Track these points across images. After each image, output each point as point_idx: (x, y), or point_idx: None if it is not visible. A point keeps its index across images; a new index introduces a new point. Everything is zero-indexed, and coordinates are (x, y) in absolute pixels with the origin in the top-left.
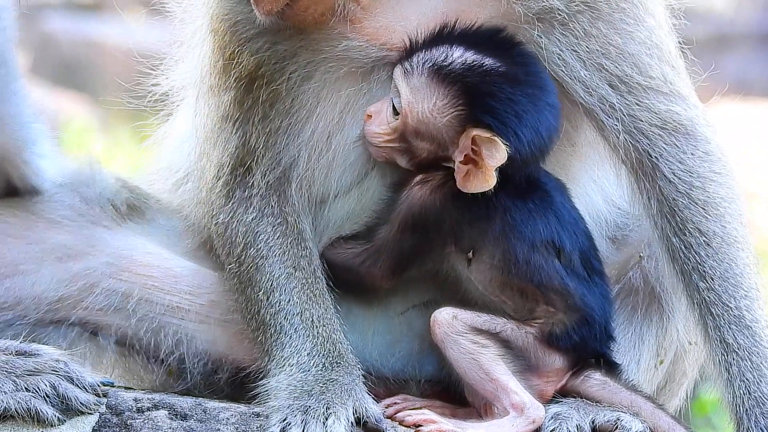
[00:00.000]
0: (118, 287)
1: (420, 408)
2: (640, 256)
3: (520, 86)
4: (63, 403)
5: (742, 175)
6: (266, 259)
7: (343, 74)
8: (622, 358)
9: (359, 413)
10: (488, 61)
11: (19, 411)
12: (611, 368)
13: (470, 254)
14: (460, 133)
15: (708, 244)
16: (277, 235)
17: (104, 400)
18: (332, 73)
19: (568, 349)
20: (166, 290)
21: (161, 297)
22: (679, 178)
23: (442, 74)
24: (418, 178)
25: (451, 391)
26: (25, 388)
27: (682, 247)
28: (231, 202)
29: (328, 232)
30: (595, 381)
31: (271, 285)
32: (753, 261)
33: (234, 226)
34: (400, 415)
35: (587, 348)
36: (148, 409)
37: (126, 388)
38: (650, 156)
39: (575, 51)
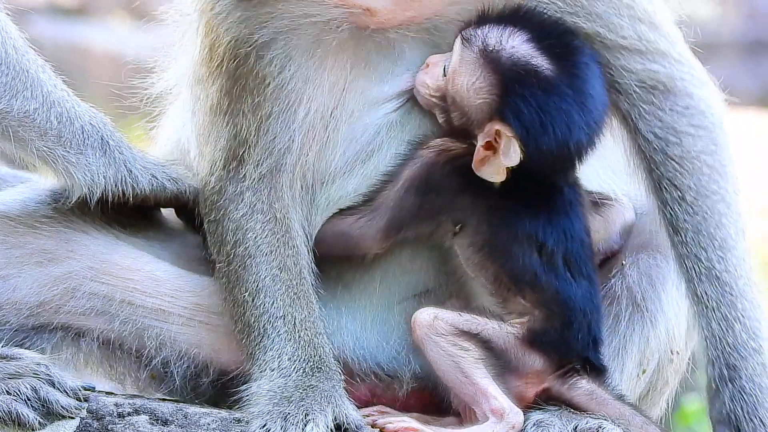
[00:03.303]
0: (100, 290)
1: (397, 420)
2: (622, 263)
3: (557, 96)
4: (44, 406)
5: None
6: (254, 258)
7: (318, 46)
8: (605, 364)
9: (339, 420)
10: (536, 62)
11: (0, 414)
12: (598, 375)
13: (457, 228)
14: (488, 120)
15: (682, 199)
16: (266, 233)
17: (85, 404)
18: (308, 47)
19: (547, 348)
20: (148, 293)
21: (143, 299)
22: (655, 135)
23: (488, 58)
24: (439, 141)
25: (437, 391)
26: (6, 392)
27: (659, 204)
28: (222, 199)
29: (327, 215)
30: (582, 389)
31: (257, 286)
32: (735, 210)
33: (225, 223)
34: (380, 421)
35: (568, 349)
36: (129, 414)
37: (107, 392)
38: (631, 116)
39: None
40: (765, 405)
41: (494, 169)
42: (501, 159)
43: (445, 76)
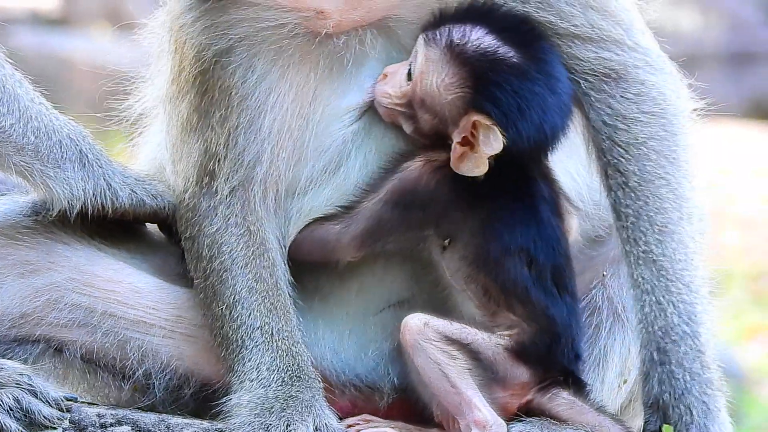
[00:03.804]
0: (82, 301)
1: (383, 429)
2: (603, 274)
3: (529, 81)
4: (26, 417)
5: (707, 195)
6: (229, 271)
7: (279, 56)
8: (586, 377)
9: (320, 430)
10: (503, 50)
11: None
12: (579, 388)
13: (446, 242)
14: (462, 115)
15: (625, 184)
16: (240, 246)
17: (68, 415)
18: (268, 56)
19: (535, 361)
20: (130, 304)
21: (125, 311)
22: (604, 123)
23: (455, 53)
24: (421, 155)
25: (418, 402)
26: None
27: (606, 190)
28: (197, 215)
29: (300, 227)
30: (562, 400)
31: (234, 299)
32: (681, 196)
33: (200, 238)
34: (366, 431)
35: (554, 363)
36: (112, 425)
37: (89, 403)
38: (582, 105)
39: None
40: (693, 391)
41: (474, 163)
42: (482, 149)
43: (409, 80)
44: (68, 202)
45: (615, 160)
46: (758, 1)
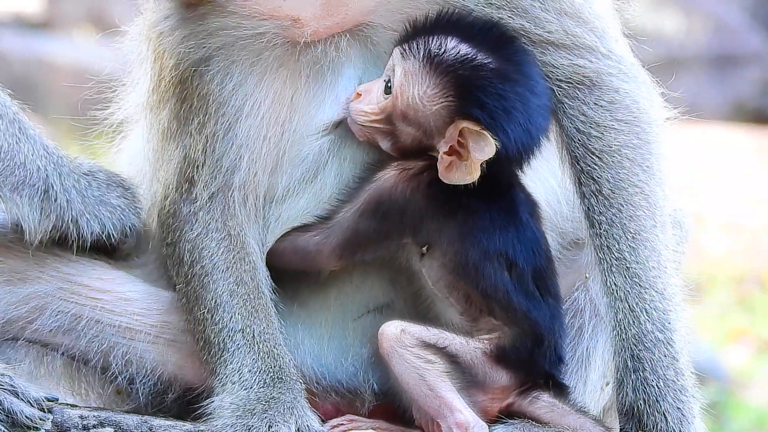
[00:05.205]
0: (68, 309)
1: (366, 429)
2: (586, 276)
3: (510, 83)
4: (8, 417)
5: (689, 198)
6: (211, 275)
7: (256, 64)
8: (569, 379)
9: (302, 431)
10: (480, 56)
11: None
12: (560, 390)
13: (425, 249)
14: (448, 124)
15: (599, 192)
16: (221, 250)
17: (50, 416)
18: (246, 64)
19: (515, 365)
20: (117, 312)
21: (111, 318)
22: (578, 130)
23: (434, 63)
24: (395, 163)
25: (399, 407)
26: None
27: (579, 197)
28: (177, 221)
29: (278, 235)
30: (543, 403)
31: (215, 303)
32: (654, 203)
33: (181, 244)
34: None
35: (535, 366)
36: (94, 427)
37: (72, 405)
38: (556, 112)
39: (476, 4)
40: (668, 398)
41: (465, 171)
42: (473, 156)
43: (387, 95)
44: (29, 234)
45: (588, 168)
46: (742, 4)
